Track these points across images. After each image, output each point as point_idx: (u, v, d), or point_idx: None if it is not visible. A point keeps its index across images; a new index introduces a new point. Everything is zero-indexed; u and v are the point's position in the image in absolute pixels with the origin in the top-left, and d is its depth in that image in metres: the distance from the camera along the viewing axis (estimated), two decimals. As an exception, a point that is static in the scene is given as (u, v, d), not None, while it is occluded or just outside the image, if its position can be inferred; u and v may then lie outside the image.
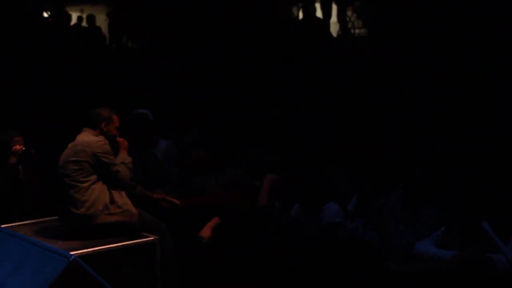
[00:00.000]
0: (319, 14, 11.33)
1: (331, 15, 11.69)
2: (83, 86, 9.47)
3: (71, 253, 3.49)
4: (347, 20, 11.61)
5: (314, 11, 10.62)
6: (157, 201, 5.53)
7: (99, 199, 4.84)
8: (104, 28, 13.96)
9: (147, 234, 4.89)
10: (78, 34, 13.10)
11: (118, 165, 4.95)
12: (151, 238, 4.85)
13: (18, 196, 5.77)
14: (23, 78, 9.52)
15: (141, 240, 4.82)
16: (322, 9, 11.52)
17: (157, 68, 10.21)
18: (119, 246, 4.68)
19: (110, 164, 4.91)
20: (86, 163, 4.84)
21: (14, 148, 5.79)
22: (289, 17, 11.57)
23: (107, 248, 4.62)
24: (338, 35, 11.28)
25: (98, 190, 4.86)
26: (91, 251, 4.52)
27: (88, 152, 4.85)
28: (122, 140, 5.18)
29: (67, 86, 9.58)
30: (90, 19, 13.56)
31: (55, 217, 5.17)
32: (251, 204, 5.43)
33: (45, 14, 13.52)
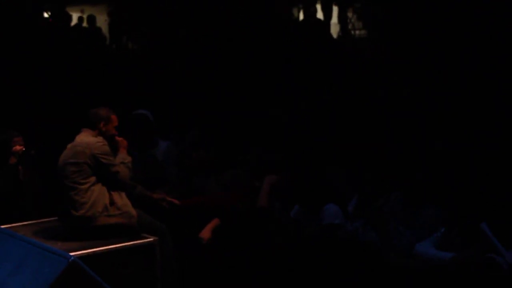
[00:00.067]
0: (320, 15, 11.33)
1: (332, 16, 11.69)
2: (83, 87, 9.48)
3: (71, 254, 3.50)
4: (348, 21, 11.61)
5: (315, 12, 10.61)
6: (157, 201, 5.53)
7: (99, 201, 4.83)
8: (105, 29, 13.98)
9: (147, 235, 4.89)
10: (79, 35, 13.11)
11: (118, 166, 4.94)
12: (151, 239, 4.84)
13: (18, 197, 5.77)
14: (24, 78, 9.53)
15: (141, 241, 4.81)
16: (323, 10, 11.52)
17: (157, 69, 10.22)
18: (119, 247, 4.67)
19: (110, 165, 4.90)
20: (85, 165, 4.84)
21: (14, 149, 5.78)
22: (289, 18, 11.57)
23: (107, 249, 4.61)
24: (339, 36, 11.27)
25: (98, 192, 4.86)
26: (91, 252, 4.51)
27: (87, 154, 4.84)
28: (121, 139, 5.17)
29: (67, 87, 9.59)
30: (91, 20, 13.58)
31: (55, 218, 5.16)
32: (251, 205, 5.43)
33: (46, 15, 13.54)
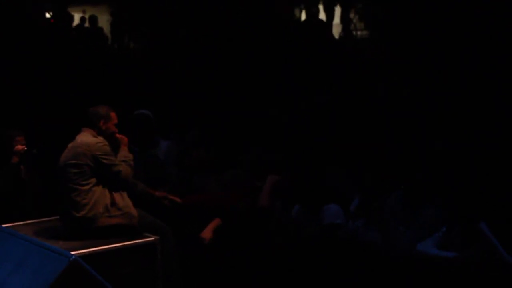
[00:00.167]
0: (323, 16, 11.32)
1: (334, 17, 11.68)
2: (85, 86, 9.48)
3: (72, 253, 3.52)
4: (350, 22, 11.60)
5: (317, 13, 10.61)
6: (159, 199, 5.54)
7: (100, 202, 4.82)
8: (106, 29, 13.98)
9: (148, 234, 4.88)
10: (80, 35, 13.12)
11: (119, 165, 4.92)
12: (152, 238, 4.84)
13: (18, 196, 5.76)
14: (25, 78, 9.53)
15: (142, 240, 4.80)
16: (325, 11, 11.51)
17: (158, 69, 10.22)
18: (120, 246, 4.67)
19: (111, 165, 4.89)
20: (86, 166, 4.82)
21: (16, 148, 5.78)
22: (290, 18, 11.57)
23: (108, 248, 4.60)
24: (340, 37, 11.27)
25: (99, 193, 4.84)
26: (92, 251, 4.50)
27: (88, 155, 4.83)
28: (121, 137, 5.14)
29: (69, 86, 9.59)
30: (92, 20, 13.59)
31: (56, 217, 5.15)
32: (252, 204, 5.44)
33: (47, 15, 13.54)
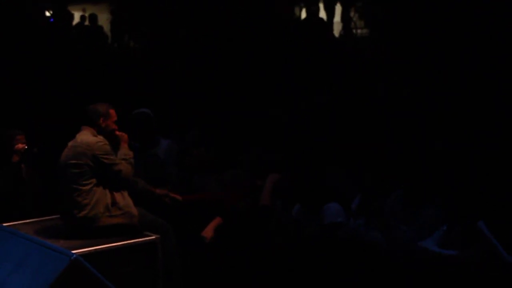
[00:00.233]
0: (323, 14, 11.31)
1: (335, 15, 11.67)
2: (85, 85, 9.47)
3: (73, 252, 3.51)
4: (350, 20, 11.60)
5: (317, 11, 10.60)
6: (160, 197, 5.54)
7: (100, 202, 4.82)
8: (106, 27, 13.97)
9: (149, 233, 4.89)
10: (80, 33, 13.12)
11: (120, 164, 4.92)
12: (153, 237, 4.84)
13: (18, 196, 5.75)
14: (26, 77, 9.53)
15: (143, 239, 4.81)
16: (326, 9, 11.50)
17: (158, 68, 10.22)
18: (121, 245, 4.67)
19: (111, 165, 4.88)
20: (87, 166, 4.82)
21: (17, 147, 5.76)
22: (290, 17, 11.58)
23: (109, 247, 4.61)
24: (340, 35, 11.27)
25: (99, 193, 4.84)
26: (93, 250, 4.51)
27: (88, 154, 4.82)
28: (122, 134, 5.13)
29: (69, 85, 9.59)
30: (92, 18, 13.58)
31: (57, 216, 5.15)
32: (253, 203, 5.44)
33: (47, 13, 13.53)
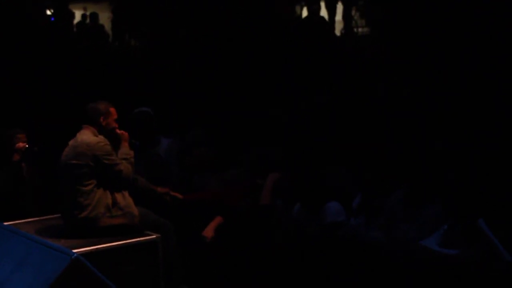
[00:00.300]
0: (324, 13, 11.28)
1: (336, 14, 11.65)
2: (86, 84, 9.47)
3: (74, 251, 3.52)
4: (351, 19, 11.58)
5: (318, 10, 10.56)
6: (161, 195, 5.54)
7: (101, 202, 4.83)
8: (107, 26, 13.96)
9: (150, 232, 4.89)
10: (81, 32, 13.11)
11: (120, 164, 4.92)
12: (154, 236, 4.85)
13: (19, 195, 5.75)
14: (26, 76, 9.52)
15: (144, 238, 4.82)
16: (327, 8, 11.48)
17: (159, 67, 10.22)
18: (122, 244, 4.69)
19: (112, 165, 4.89)
20: (87, 166, 4.82)
21: (17, 146, 5.76)
22: (290, 17, 11.56)
23: (110, 246, 4.62)
24: (341, 34, 11.26)
25: (100, 193, 4.85)
26: (94, 249, 4.52)
27: (89, 155, 4.83)
28: (122, 132, 5.13)
29: (70, 84, 9.59)
30: (93, 17, 13.57)
31: (58, 215, 5.16)
32: (253, 203, 5.44)
33: (48, 12, 13.52)
